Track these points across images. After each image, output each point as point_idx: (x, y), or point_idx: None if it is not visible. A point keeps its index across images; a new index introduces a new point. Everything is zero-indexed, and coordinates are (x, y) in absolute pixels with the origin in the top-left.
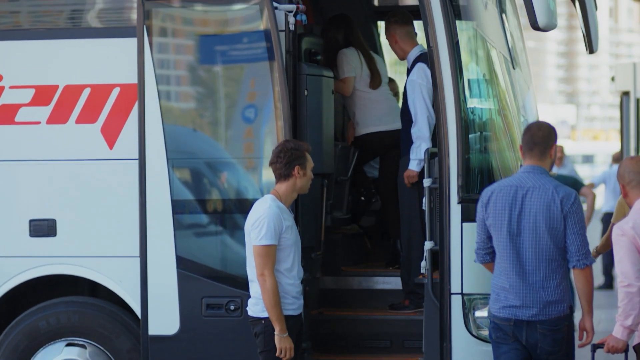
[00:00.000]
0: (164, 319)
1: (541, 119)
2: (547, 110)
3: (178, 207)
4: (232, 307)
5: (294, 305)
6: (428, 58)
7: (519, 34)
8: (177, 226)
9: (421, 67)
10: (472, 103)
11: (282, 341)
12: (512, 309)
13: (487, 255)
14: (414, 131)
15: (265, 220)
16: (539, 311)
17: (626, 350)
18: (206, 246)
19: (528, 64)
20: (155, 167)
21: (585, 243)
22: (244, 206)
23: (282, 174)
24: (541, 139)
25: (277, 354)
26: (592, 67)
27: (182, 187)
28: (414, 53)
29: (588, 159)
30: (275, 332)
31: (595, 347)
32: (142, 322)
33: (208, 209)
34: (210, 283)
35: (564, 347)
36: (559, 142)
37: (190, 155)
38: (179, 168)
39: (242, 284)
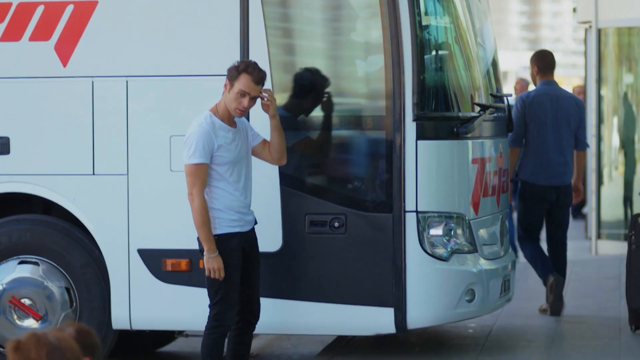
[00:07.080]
0: (267, 236)
1: (503, 65)
2: (510, 56)
3: None
4: (336, 224)
5: (240, 222)
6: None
7: None
8: None
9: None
10: (427, 21)
11: (209, 261)
12: (548, 178)
13: (520, 143)
14: None
15: (194, 139)
16: (563, 179)
17: None
18: (310, 163)
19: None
20: None
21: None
22: (353, 123)
23: None
24: (554, 61)
25: (206, 273)
26: (555, 15)
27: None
28: None
29: None
30: (204, 252)
31: None
32: None
33: (318, 128)
34: (314, 200)
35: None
36: (522, 77)
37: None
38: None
39: (347, 200)
